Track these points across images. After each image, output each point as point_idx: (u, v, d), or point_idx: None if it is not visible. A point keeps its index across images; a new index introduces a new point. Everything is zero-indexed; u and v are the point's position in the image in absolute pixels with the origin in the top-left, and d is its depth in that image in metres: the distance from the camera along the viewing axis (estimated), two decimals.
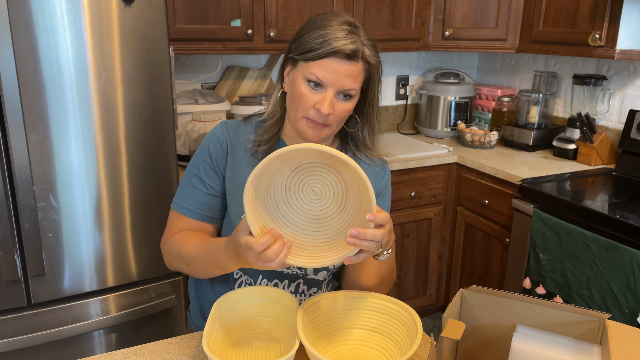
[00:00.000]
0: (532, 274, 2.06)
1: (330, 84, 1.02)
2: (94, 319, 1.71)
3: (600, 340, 0.86)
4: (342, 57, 1.01)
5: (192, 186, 1.14)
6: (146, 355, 1.04)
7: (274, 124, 1.14)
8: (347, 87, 1.03)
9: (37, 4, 1.44)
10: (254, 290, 1.09)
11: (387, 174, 1.23)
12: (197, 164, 1.14)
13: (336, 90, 1.03)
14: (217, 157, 1.13)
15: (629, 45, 2.11)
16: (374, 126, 1.17)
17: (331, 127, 1.07)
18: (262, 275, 1.16)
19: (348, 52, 1.01)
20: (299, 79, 1.05)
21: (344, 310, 1.08)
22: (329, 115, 1.04)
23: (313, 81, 1.03)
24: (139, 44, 1.60)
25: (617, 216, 1.79)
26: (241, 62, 2.64)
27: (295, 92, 1.05)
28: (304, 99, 1.04)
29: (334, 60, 1.01)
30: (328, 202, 0.97)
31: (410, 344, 0.95)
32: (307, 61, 1.03)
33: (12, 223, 1.54)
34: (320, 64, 1.01)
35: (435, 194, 2.60)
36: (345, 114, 1.07)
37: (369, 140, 1.18)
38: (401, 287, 2.69)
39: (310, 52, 1.02)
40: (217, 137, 1.14)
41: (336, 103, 1.04)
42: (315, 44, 1.01)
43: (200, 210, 1.14)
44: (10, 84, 1.44)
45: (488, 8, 2.57)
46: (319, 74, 1.01)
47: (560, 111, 2.75)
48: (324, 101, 1.02)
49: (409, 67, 3.10)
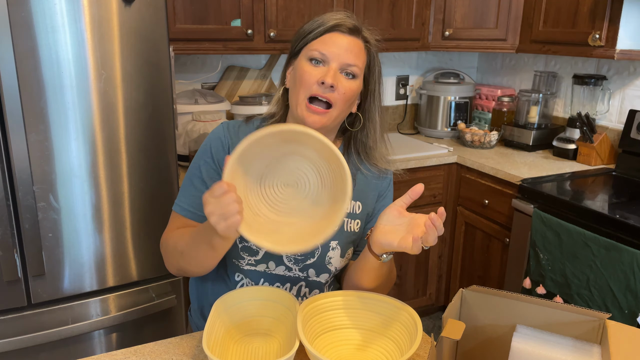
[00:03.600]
0: (532, 274, 2.06)
1: (332, 57, 1.04)
2: (94, 319, 1.71)
3: (600, 340, 0.86)
4: (344, 31, 1.05)
5: (193, 187, 1.13)
6: (146, 355, 1.04)
7: (276, 122, 1.14)
8: (349, 61, 1.04)
9: (37, 4, 1.44)
10: (254, 290, 1.09)
11: (390, 176, 1.23)
12: (198, 165, 1.13)
13: (339, 65, 1.05)
14: (219, 157, 1.12)
15: (629, 45, 2.12)
16: (376, 123, 1.15)
17: (334, 109, 1.05)
18: (264, 278, 1.15)
19: (350, 26, 1.05)
20: (301, 63, 1.07)
21: (344, 310, 1.08)
22: (333, 89, 1.03)
23: (315, 58, 1.05)
24: (139, 44, 1.60)
25: (617, 216, 1.79)
26: (241, 62, 2.64)
27: (297, 76, 1.06)
28: (307, 77, 1.04)
29: (334, 34, 1.05)
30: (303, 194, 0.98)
31: (410, 344, 0.95)
32: (307, 43, 1.06)
33: (12, 223, 1.54)
34: (321, 40, 1.05)
35: (435, 194, 2.60)
36: (350, 94, 1.06)
37: (373, 143, 1.16)
38: (401, 287, 2.69)
39: (310, 34, 1.06)
40: (219, 138, 1.13)
41: (341, 78, 1.05)
42: (314, 26, 1.06)
43: (202, 213, 1.11)
44: (10, 84, 1.44)
45: (488, 8, 2.57)
46: (321, 48, 1.04)
47: (560, 111, 2.75)
48: (328, 73, 1.03)
49: (409, 67, 3.10)
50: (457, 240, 2.65)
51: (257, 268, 1.14)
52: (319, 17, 1.08)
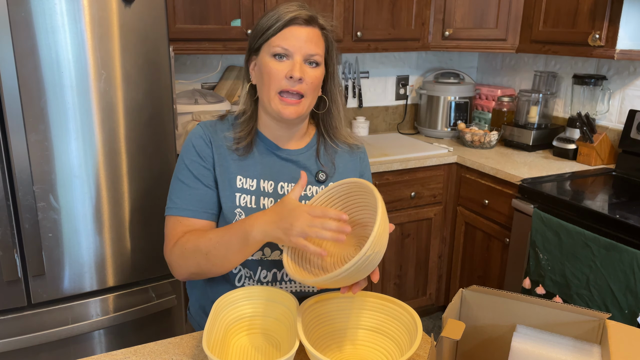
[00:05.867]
0: (532, 274, 2.06)
1: (295, 50, 1.08)
2: (94, 319, 1.71)
3: (600, 340, 0.86)
4: (301, 23, 1.08)
5: (188, 187, 1.13)
6: (146, 355, 1.04)
7: (248, 120, 1.18)
8: (311, 52, 1.09)
9: (37, 4, 1.44)
10: (254, 290, 1.09)
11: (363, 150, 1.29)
12: (185, 166, 1.14)
13: (302, 56, 1.09)
14: (205, 154, 1.14)
15: (629, 45, 2.12)
16: (338, 103, 1.21)
17: (306, 98, 1.11)
18: (261, 266, 1.16)
19: (305, 17, 1.08)
20: (265, 59, 1.10)
21: (344, 310, 1.08)
22: (302, 81, 1.08)
23: (278, 53, 1.08)
24: (139, 44, 1.60)
25: (617, 216, 1.79)
26: (241, 62, 2.64)
27: (264, 72, 1.10)
28: (274, 73, 1.08)
29: (293, 28, 1.08)
30: None
31: (410, 344, 0.95)
32: (268, 40, 1.09)
33: (12, 223, 1.54)
34: (281, 35, 1.08)
35: (435, 194, 2.60)
36: (317, 82, 1.11)
37: (337, 120, 1.22)
38: (401, 287, 2.69)
39: (268, 30, 1.09)
40: (200, 136, 1.15)
41: (306, 68, 1.09)
42: (271, 21, 1.09)
43: (204, 209, 1.13)
44: (10, 84, 1.44)
45: (488, 8, 2.57)
46: (283, 43, 1.08)
47: (560, 111, 2.75)
48: (294, 67, 1.08)
49: (409, 67, 3.10)
50: (457, 240, 2.65)
51: (254, 257, 1.15)
52: (273, 11, 1.10)
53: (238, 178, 1.14)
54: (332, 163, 1.22)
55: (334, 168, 1.22)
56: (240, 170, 1.15)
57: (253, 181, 1.15)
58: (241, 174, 1.15)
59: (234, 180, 1.14)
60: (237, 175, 1.14)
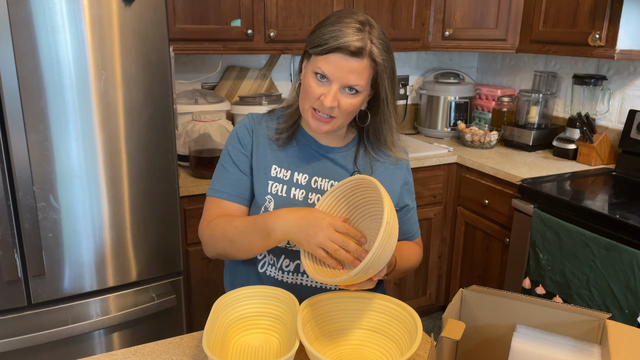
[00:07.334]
0: (532, 274, 2.06)
1: (334, 78, 1.07)
2: (94, 319, 1.71)
3: (600, 340, 0.86)
4: (347, 54, 1.05)
5: (226, 171, 1.20)
6: (146, 355, 1.04)
7: (294, 112, 1.21)
8: (351, 83, 1.07)
9: (37, 4, 1.44)
10: (254, 290, 1.09)
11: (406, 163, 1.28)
12: (227, 152, 1.22)
13: (340, 85, 1.08)
14: (245, 142, 1.21)
15: (629, 45, 2.12)
16: (390, 123, 1.20)
17: (337, 120, 1.12)
18: (285, 255, 1.19)
19: (353, 50, 1.04)
20: (309, 72, 1.11)
21: (344, 310, 1.08)
22: (333, 109, 1.09)
23: (319, 74, 1.08)
24: (139, 44, 1.60)
25: (617, 216, 1.79)
26: (241, 62, 2.64)
27: (304, 84, 1.11)
28: (310, 91, 1.09)
29: (338, 56, 1.05)
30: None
31: (410, 344, 0.95)
32: (316, 55, 1.08)
33: (12, 223, 1.54)
34: (326, 59, 1.06)
35: (435, 194, 2.60)
36: (352, 108, 1.11)
37: (387, 136, 1.21)
38: (401, 287, 2.69)
39: (318, 47, 1.07)
40: (244, 125, 1.23)
41: (341, 97, 1.09)
42: (324, 39, 1.06)
43: (237, 193, 1.19)
44: (10, 84, 1.44)
45: (488, 8, 2.57)
46: (324, 68, 1.07)
47: (560, 111, 2.75)
48: (328, 94, 1.07)
49: (409, 67, 3.10)
50: (457, 240, 2.65)
51: (280, 244, 1.17)
52: (332, 26, 1.06)
53: (273, 167, 1.19)
54: (370, 166, 1.22)
55: (372, 172, 1.22)
56: (277, 160, 1.19)
57: (287, 172, 1.19)
58: (277, 163, 1.19)
59: (269, 169, 1.19)
60: (273, 165, 1.19)
